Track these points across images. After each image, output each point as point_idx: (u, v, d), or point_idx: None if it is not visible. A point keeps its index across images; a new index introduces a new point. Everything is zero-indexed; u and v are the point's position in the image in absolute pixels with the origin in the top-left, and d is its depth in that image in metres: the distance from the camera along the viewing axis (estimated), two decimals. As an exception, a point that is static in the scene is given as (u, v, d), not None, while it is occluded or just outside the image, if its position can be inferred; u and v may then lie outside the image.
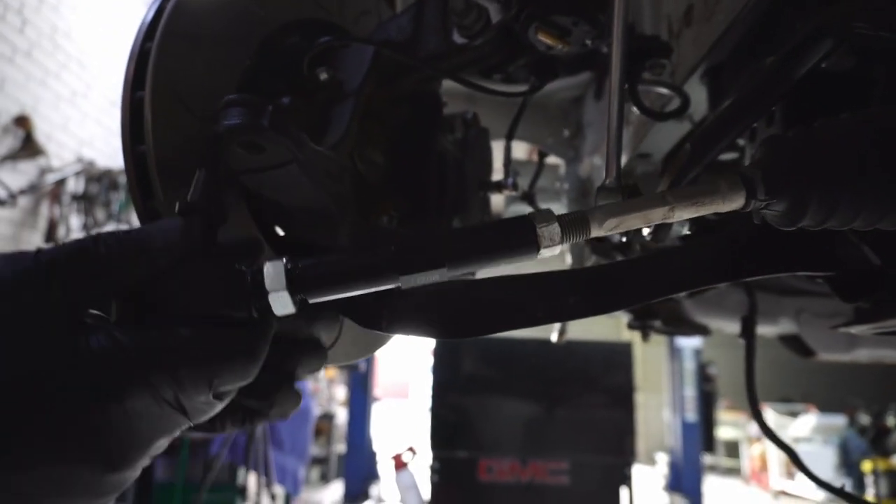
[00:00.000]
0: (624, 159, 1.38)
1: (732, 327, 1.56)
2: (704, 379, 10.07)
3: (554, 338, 1.43)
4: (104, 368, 0.41)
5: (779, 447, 0.89)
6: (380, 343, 1.03)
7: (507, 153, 1.07)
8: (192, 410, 0.45)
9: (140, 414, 0.42)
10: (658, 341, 10.78)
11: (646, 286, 0.72)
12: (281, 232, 0.86)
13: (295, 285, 0.49)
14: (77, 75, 6.33)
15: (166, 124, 0.67)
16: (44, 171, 5.86)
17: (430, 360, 5.13)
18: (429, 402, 4.88)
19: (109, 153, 6.66)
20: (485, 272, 1.00)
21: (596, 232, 0.55)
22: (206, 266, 0.49)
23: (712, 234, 0.71)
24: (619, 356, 4.84)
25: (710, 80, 0.96)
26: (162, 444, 0.46)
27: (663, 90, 0.96)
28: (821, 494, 9.22)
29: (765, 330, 1.55)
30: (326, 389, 9.96)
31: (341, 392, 10.10)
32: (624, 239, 0.77)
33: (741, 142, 1.06)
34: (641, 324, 1.37)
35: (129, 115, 0.67)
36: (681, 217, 0.56)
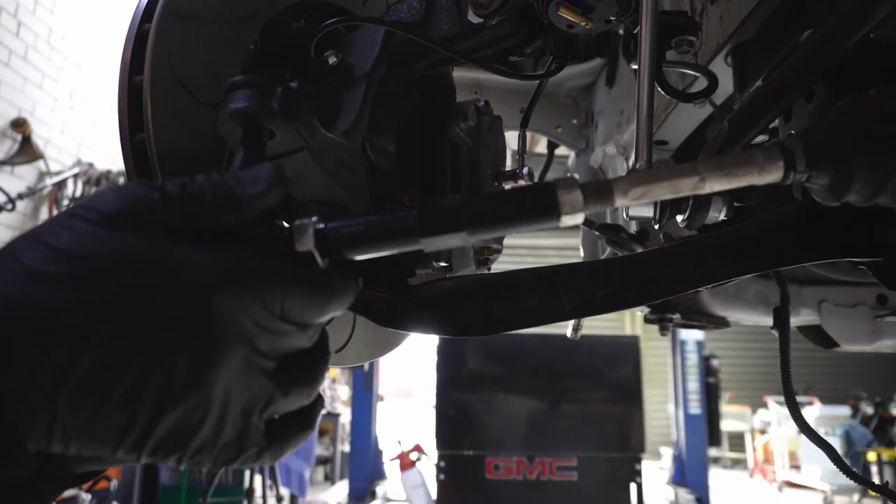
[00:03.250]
0: (640, 147, 1.33)
1: (752, 318, 1.52)
2: (708, 372, 10.03)
3: (569, 333, 1.38)
4: (202, 271, 0.46)
5: (815, 443, 0.85)
6: (393, 343, 0.99)
7: (521, 141, 1.03)
8: (264, 328, 0.48)
9: (229, 316, 0.46)
10: (659, 334, 10.69)
11: (682, 276, 0.68)
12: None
13: (323, 245, 0.50)
14: (74, 77, 6.27)
15: (167, 110, 0.63)
16: (42, 175, 5.80)
17: (435, 358, 5.09)
18: (434, 401, 4.84)
19: (108, 155, 6.60)
20: (504, 265, 0.96)
21: (620, 201, 0.52)
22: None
23: (751, 219, 0.67)
24: (626, 350, 4.80)
25: (736, 60, 0.91)
26: (246, 355, 0.48)
27: (687, 71, 0.91)
28: (826, 485, 9.19)
29: (784, 321, 1.51)
30: (329, 389, 9.93)
31: (344, 392, 10.06)
32: (657, 226, 0.72)
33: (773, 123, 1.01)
34: (660, 317, 1.32)
35: (128, 100, 0.63)
36: (712, 189, 0.52)
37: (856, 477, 0.87)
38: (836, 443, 9.38)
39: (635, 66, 1.08)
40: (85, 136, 6.49)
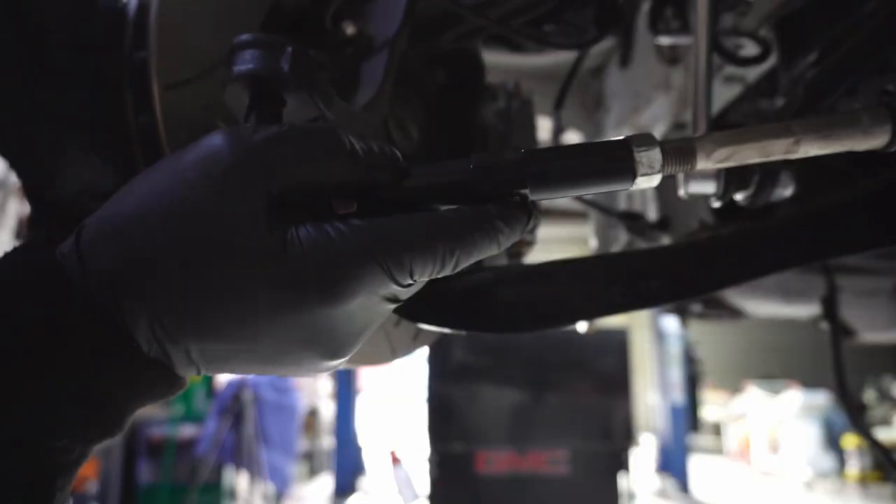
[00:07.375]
0: (662, 129, 1.28)
1: (767, 309, 1.47)
2: (690, 361, 10.11)
3: (582, 328, 1.32)
4: (318, 262, 0.37)
5: (869, 441, 0.80)
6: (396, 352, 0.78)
7: (556, 123, 0.96)
8: (401, 295, 0.42)
9: (358, 307, 0.39)
10: (642, 325, 10.75)
11: (747, 263, 0.62)
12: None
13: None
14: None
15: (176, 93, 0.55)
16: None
17: (425, 351, 5.01)
18: (424, 395, 4.78)
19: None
20: (535, 256, 0.89)
21: (703, 163, 0.46)
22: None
23: (828, 196, 0.61)
24: (614, 342, 4.78)
25: (781, 32, 0.86)
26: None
27: (738, 40, 0.85)
28: (805, 473, 9.33)
29: (801, 311, 1.47)
30: (311, 384, 9.81)
31: (326, 386, 9.95)
32: (718, 202, 0.66)
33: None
34: (680, 308, 1.27)
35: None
36: (806, 153, 0.46)
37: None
38: (818, 431, 9.51)
39: (663, 41, 1.02)
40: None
